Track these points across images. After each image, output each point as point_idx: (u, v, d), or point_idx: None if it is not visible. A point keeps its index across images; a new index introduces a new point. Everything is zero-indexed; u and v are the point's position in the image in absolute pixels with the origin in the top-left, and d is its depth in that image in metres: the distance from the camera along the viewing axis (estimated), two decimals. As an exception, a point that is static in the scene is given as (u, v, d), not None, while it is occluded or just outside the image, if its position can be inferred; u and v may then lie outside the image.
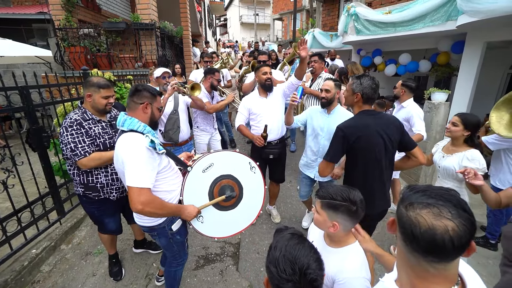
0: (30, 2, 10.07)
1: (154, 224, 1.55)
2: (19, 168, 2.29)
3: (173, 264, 1.80)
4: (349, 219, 1.12)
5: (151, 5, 5.45)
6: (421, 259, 0.64)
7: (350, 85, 1.77)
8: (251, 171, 1.83)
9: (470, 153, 1.93)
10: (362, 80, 1.71)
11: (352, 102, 1.79)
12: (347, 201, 1.10)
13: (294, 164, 4.38)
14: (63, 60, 4.96)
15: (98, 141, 1.83)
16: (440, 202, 0.62)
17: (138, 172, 1.32)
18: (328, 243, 1.25)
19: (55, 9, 5.20)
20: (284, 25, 21.14)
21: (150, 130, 1.45)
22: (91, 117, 1.85)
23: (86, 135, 1.78)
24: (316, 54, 3.31)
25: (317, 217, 1.17)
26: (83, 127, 1.79)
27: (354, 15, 5.48)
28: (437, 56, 4.80)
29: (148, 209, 1.35)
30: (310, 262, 0.79)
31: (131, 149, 1.35)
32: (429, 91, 3.12)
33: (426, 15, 3.95)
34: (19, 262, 2.22)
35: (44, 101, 2.53)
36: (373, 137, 1.69)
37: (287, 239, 0.86)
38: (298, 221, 3.07)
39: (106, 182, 1.93)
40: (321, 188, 1.19)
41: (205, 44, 9.68)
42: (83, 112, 1.84)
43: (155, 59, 5.43)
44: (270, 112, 2.61)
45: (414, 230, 0.62)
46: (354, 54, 6.77)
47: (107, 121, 1.95)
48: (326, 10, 10.05)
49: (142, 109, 1.47)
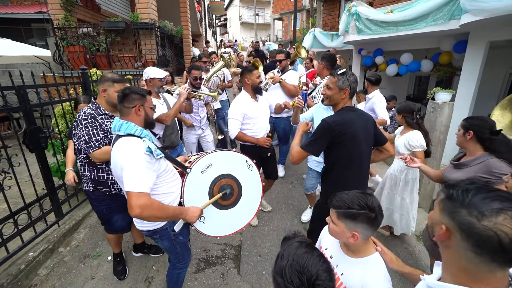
0: (29, 1, 10.00)
1: (156, 227, 1.54)
2: (16, 170, 2.24)
3: (177, 267, 1.78)
4: (369, 227, 1.05)
5: (151, 4, 5.40)
6: (498, 268, 0.60)
7: (335, 83, 1.73)
8: (249, 169, 1.87)
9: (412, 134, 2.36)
10: (347, 75, 1.72)
11: (339, 100, 1.77)
12: (366, 209, 1.02)
13: (296, 166, 4.34)
14: (62, 60, 4.91)
15: (110, 136, 1.84)
16: (507, 204, 0.58)
17: (136, 177, 1.29)
18: (345, 252, 1.17)
19: (54, 9, 5.15)
20: (284, 25, 21.11)
21: (147, 134, 1.44)
22: (104, 112, 1.89)
23: (100, 128, 1.81)
24: (326, 57, 3.15)
25: (333, 228, 1.10)
26: (97, 121, 1.82)
27: (355, 14, 5.43)
28: (439, 55, 4.75)
29: (146, 213, 1.31)
30: (320, 273, 0.74)
31: (129, 154, 1.32)
32: (433, 90, 3.08)
33: (428, 14, 3.90)
34: (16, 265, 2.18)
35: (41, 101, 2.49)
36: (358, 133, 1.70)
37: (295, 247, 0.81)
38: (300, 222, 3.02)
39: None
40: (334, 197, 1.11)
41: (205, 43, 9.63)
42: (96, 107, 1.88)
43: (155, 59, 5.38)
44: (263, 114, 2.71)
45: (503, 241, 0.56)
46: (355, 54, 6.72)
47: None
48: (327, 9, 10.01)
49: (135, 112, 1.46)
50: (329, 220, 1.13)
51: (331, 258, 1.22)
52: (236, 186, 1.79)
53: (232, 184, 1.77)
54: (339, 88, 1.72)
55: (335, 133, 1.66)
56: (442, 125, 3.03)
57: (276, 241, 2.68)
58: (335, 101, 1.79)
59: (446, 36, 4.23)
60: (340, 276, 1.14)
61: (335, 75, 1.74)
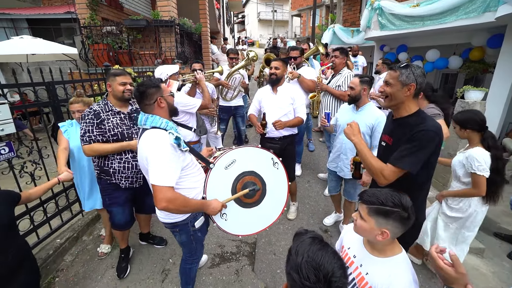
0: (59, 2, 10.56)
1: (178, 220, 1.56)
2: (45, 161, 2.39)
3: (188, 261, 1.81)
4: (400, 226, 1.02)
5: (171, 2, 5.50)
6: None
7: (396, 78, 1.39)
8: (274, 167, 1.79)
9: (472, 151, 1.91)
10: (412, 68, 1.38)
11: (402, 98, 1.41)
12: (399, 207, 1.00)
13: (313, 164, 4.26)
14: (87, 57, 5.13)
15: (116, 130, 1.95)
16: None
17: (162, 170, 1.31)
18: (370, 251, 1.14)
19: (81, 8, 5.39)
20: (302, 21, 20.75)
21: (173, 126, 1.43)
22: (111, 108, 1.98)
23: (97, 126, 1.89)
24: (338, 49, 3.17)
25: (361, 224, 1.07)
26: (99, 118, 1.91)
27: (378, 9, 5.22)
28: (470, 51, 4.46)
29: (172, 207, 1.34)
30: (335, 270, 0.75)
31: (154, 146, 1.34)
32: (463, 89, 2.89)
33: (459, 6, 3.65)
34: (45, 250, 2.32)
35: (68, 96, 2.61)
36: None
37: (308, 243, 0.81)
38: (316, 222, 2.97)
39: (118, 169, 2.01)
40: (365, 193, 1.09)
41: (224, 41, 9.66)
42: (105, 104, 1.98)
43: (174, 56, 5.49)
44: (275, 108, 2.62)
45: None
46: (376, 50, 6.48)
47: (126, 113, 2.04)
48: (348, 5, 9.72)
49: (157, 105, 1.44)
50: (357, 216, 1.10)
51: (354, 258, 1.19)
52: (261, 184, 1.74)
53: (256, 182, 1.72)
54: (402, 83, 1.38)
55: (436, 143, 1.36)
56: (472, 125, 2.84)
57: (291, 240, 2.65)
58: (398, 100, 1.42)
59: (478, 30, 3.95)
60: (365, 276, 1.10)
61: (396, 69, 1.41)
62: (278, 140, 2.67)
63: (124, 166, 2.02)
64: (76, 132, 2.19)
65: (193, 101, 2.53)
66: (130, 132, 2.02)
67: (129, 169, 2.03)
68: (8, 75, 8.44)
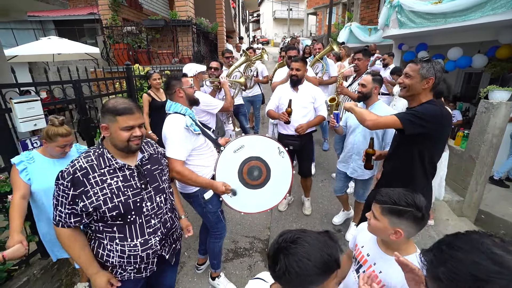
0: (83, 3, 11.04)
1: (190, 191, 1.83)
2: (71, 155, 2.51)
3: (212, 236, 2.03)
4: (414, 226, 1.02)
5: (188, 1, 5.61)
6: None
7: (417, 71, 1.50)
8: (280, 155, 1.93)
9: None
10: (433, 63, 1.50)
11: (419, 89, 1.53)
12: (413, 207, 1.00)
13: (327, 164, 4.23)
14: (108, 57, 5.34)
15: (117, 200, 1.19)
16: None
17: (175, 146, 1.62)
18: (384, 250, 1.14)
19: (103, 9, 5.62)
20: (318, 19, 20.47)
21: (191, 112, 1.76)
22: (110, 163, 1.21)
23: (71, 199, 1.13)
24: (361, 51, 3.09)
25: (375, 223, 1.08)
26: (86, 181, 1.14)
27: (398, 6, 5.07)
28: (496, 49, 4.24)
29: (179, 177, 1.63)
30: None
31: (172, 127, 1.65)
32: (487, 88, 2.77)
33: (486, 2, 3.48)
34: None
35: (92, 94, 2.75)
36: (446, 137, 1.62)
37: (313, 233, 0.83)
38: (328, 222, 2.96)
39: (119, 264, 1.30)
40: (379, 192, 1.09)
41: (239, 40, 9.72)
42: (99, 155, 1.21)
43: (191, 55, 5.60)
44: (298, 108, 2.65)
45: None
46: (395, 49, 6.29)
47: (135, 167, 1.28)
48: (365, 2, 9.49)
49: (177, 94, 1.73)
50: (370, 215, 1.11)
51: (368, 256, 1.19)
52: (265, 169, 1.90)
53: (261, 167, 1.89)
54: (422, 76, 1.49)
55: (439, 119, 1.48)
56: (496, 127, 2.73)
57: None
58: (414, 91, 1.55)
59: (506, 26, 3.76)
60: (379, 274, 1.10)
61: (417, 62, 1.52)
62: (297, 137, 2.70)
63: (128, 261, 1.27)
64: (41, 168, 1.61)
65: (216, 102, 2.59)
66: (139, 198, 1.26)
67: (136, 258, 1.28)
68: (35, 73, 8.94)
